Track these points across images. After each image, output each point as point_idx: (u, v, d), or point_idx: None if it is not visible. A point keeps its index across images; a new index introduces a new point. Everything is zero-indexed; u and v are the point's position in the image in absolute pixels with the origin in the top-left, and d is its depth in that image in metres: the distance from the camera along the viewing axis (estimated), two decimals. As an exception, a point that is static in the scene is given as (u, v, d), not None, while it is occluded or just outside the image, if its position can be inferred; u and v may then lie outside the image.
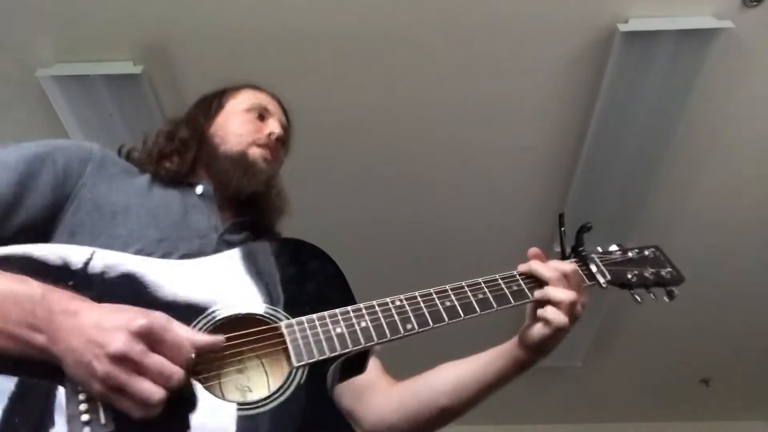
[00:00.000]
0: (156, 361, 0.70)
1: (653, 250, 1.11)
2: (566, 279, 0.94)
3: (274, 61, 2.07)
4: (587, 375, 3.57)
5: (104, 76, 2.12)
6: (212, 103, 1.27)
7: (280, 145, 1.24)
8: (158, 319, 0.73)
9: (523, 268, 0.98)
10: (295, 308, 0.87)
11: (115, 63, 2.12)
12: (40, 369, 0.71)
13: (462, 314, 0.90)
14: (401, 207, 2.62)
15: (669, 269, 1.10)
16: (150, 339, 0.71)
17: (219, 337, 0.78)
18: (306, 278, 0.93)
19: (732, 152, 2.44)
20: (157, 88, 2.20)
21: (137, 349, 0.69)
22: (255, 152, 1.17)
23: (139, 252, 0.92)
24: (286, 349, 0.82)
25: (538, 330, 0.95)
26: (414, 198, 2.59)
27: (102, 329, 0.70)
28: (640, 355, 3.46)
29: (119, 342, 0.69)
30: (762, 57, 2.12)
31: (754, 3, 1.96)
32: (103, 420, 0.70)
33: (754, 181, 2.56)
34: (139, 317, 0.71)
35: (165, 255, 0.95)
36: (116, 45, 2.10)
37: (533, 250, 0.99)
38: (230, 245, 1.00)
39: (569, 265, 0.95)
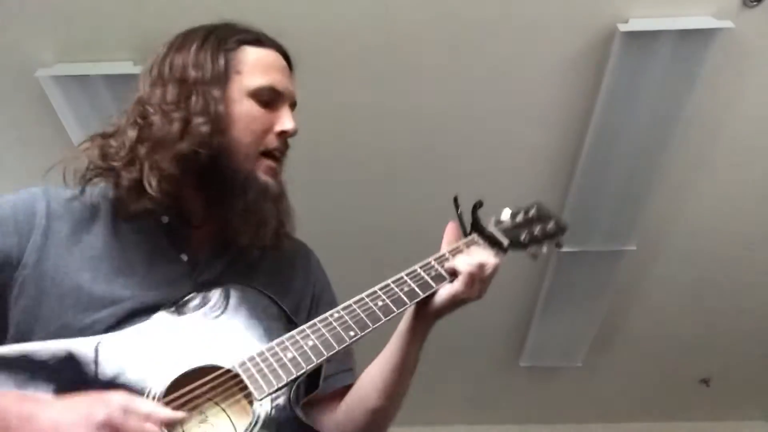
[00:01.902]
0: (136, 423, 0.70)
1: (535, 208, 1.17)
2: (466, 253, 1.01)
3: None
4: (587, 375, 3.56)
5: (104, 76, 2.12)
6: (215, 62, 1.00)
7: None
8: (116, 402, 0.71)
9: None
10: (242, 348, 0.88)
11: (115, 63, 2.12)
12: None
13: (395, 309, 0.94)
14: (401, 207, 2.62)
15: (552, 222, 1.17)
16: (114, 428, 0.69)
17: (180, 414, 0.78)
18: (244, 317, 0.93)
19: (732, 152, 2.44)
20: (157, 88, 2.20)
21: (118, 416, 0.69)
22: (261, 167, 0.98)
23: (90, 329, 0.85)
24: (243, 390, 0.84)
25: (440, 298, 0.97)
26: (413, 198, 2.59)
27: (76, 409, 0.69)
28: (640, 355, 3.46)
29: (101, 410, 0.68)
30: (762, 57, 2.12)
31: (754, 3, 1.96)
32: None
33: (754, 181, 2.56)
34: (95, 409, 0.69)
35: (126, 322, 0.88)
36: (116, 45, 2.09)
37: (449, 225, 1.07)
38: (206, 286, 0.94)
39: (475, 260, 0.99)
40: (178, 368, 0.84)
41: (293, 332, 0.89)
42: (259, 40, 1.07)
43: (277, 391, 0.83)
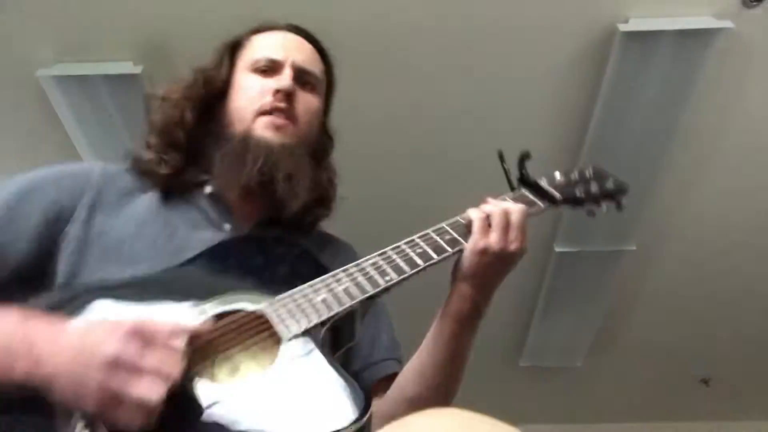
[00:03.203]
0: (152, 358, 0.66)
1: (591, 168, 1.14)
2: (487, 220, 0.94)
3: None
4: (587, 375, 3.57)
5: (104, 76, 2.12)
6: (222, 61, 1.09)
7: (295, 98, 1.02)
8: (143, 318, 0.70)
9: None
10: (272, 290, 0.86)
11: (115, 63, 2.12)
12: (24, 404, 0.67)
13: (435, 255, 0.91)
14: (400, 208, 2.62)
15: (612, 180, 1.12)
16: (141, 338, 0.67)
17: (207, 325, 0.77)
18: (276, 263, 0.92)
19: (732, 152, 2.44)
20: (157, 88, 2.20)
21: (130, 351, 0.66)
22: (259, 125, 1.00)
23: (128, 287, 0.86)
24: (272, 334, 0.81)
25: (464, 254, 0.93)
26: (413, 199, 2.59)
27: (87, 340, 0.67)
28: (640, 355, 3.46)
29: (110, 347, 0.65)
30: (762, 57, 2.12)
31: (754, 3, 1.96)
32: None
33: (754, 181, 2.56)
34: (124, 321, 0.68)
35: (150, 293, 0.87)
36: (116, 45, 2.10)
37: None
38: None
39: (493, 207, 0.95)
40: (210, 311, 0.82)
41: (325, 276, 0.87)
42: (267, 26, 1.12)
43: (307, 331, 0.81)
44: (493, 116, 2.33)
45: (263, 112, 1.00)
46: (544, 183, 1.06)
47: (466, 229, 0.94)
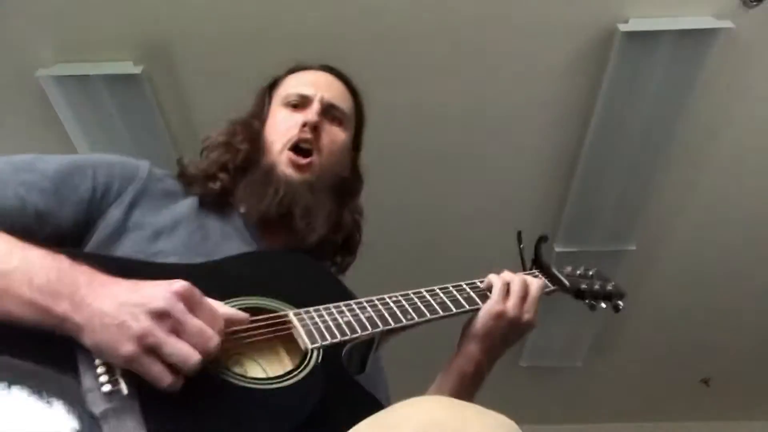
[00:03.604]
0: (197, 322, 0.68)
1: (595, 270, 1.23)
2: (507, 287, 1.01)
3: (275, 61, 2.07)
4: (587, 375, 3.56)
5: (104, 76, 2.12)
6: (264, 99, 1.19)
7: (321, 130, 1.09)
8: (178, 285, 0.71)
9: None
10: (298, 303, 0.88)
11: (115, 63, 2.12)
12: (52, 340, 0.67)
13: (453, 308, 0.97)
14: (400, 208, 2.62)
15: (612, 284, 1.21)
16: (190, 300, 0.70)
17: (244, 314, 0.79)
18: (306, 280, 0.96)
19: (732, 152, 2.44)
20: (157, 88, 2.20)
21: (179, 308, 0.68)
22: (283, 160, 1.07)
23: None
24: (291, 340, 0.84)
25: (479, 314, 0.99)
26: (413, 199, 2.59)
27: (137, 292, 0.69)
28: (640, 355, 3.46)
29: (161, 299, 0.67)
30: (762, 57, 2.12)
31: (754, 3, 1.96)
32: (125, 390, 0.65)
33: (754, 181, 2.56)
34: (175, 283, 0.70)
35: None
36: (116, 45, 2.10)
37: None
38: None
39: (514, 276, 1.02)
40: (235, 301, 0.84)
41: (351, 301, 0.91)
42: (301, 66, 1.21)
43: (329, 345, 0.83)
44: (493, 116, 2.33)
45: (290, 147, 1.07)
46: (554, 269, 1.13)
47: (483, 293, 1.01)
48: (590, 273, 1.20)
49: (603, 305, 1.18)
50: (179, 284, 0.70)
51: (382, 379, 1.12)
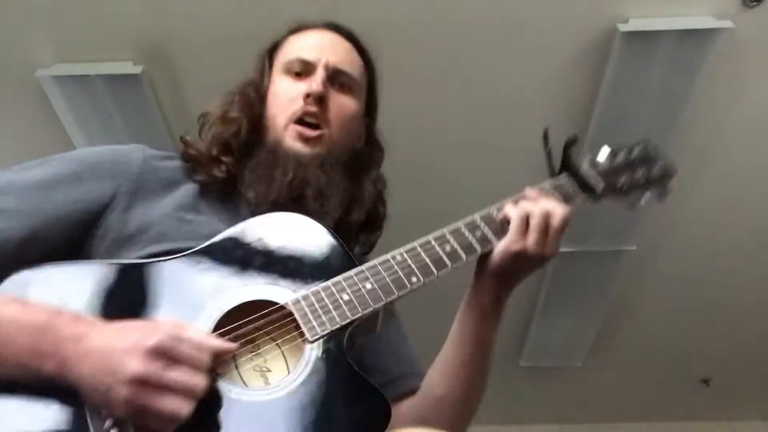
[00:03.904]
0: (177, 376, 0.67)
1: (641, 147, 1.07)
2: (525, 222, 0.90)
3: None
4: (587, 375, 3.57)
5: (104, 76, 2.12)
6: (264, 65, 1.07)
7: (328, 101, 0.99)
8: (168, 329, 0.70)
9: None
10: (297, 284, 0.84)
11: (115, 63, 2.12)
12: (56, 394, 0.69)
13: (464, 256, 0.88)
14: (403, 208, 2.62)
15: (660, 164, 1.07)
16: (164, 356, 0.68)
17: (231, 345, 0.75)
18: (302, 251, 0.87)
19: (732, 152, 2.44)
20: (157, 88, 2.20)
21: (155, 369, 0.66)
22: (289, 134, 0.98)
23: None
24: (298, 327, 0.81)
25: (495, 252, 0.89)
26: (413, 199, 2.59)
27: (113, 354, 0.67)
28: (640, 355, 3.46)
29: (134, 365, 0.66)
30: (762, 57, 2.12)
31: (754, 3, 1.96)
32: None
33: (754, 181, 2.56)
34: (147, 335, 0.68)
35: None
36: (116, 45, 2.10)
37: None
38: None
39: (534, 207, 0.90)
40: (234, 299, 0.81)
41: (351, 272, 0.84)
42: (302, 26, 1.09)
43: (330, 333, 0.80)
44: (493, 116, 2.33)
45: (295, 120, 0.98)
46: (586, 169, 0.99)
47: (500, 225, 0.90)
48: (633, 155, 1.03)
49: (644, 201, 1.03)
50: (150, 343, 0.67)
51: (402, 337, 1.06)
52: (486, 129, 2.37)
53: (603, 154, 1.03)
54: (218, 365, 0.75)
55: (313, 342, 0.79)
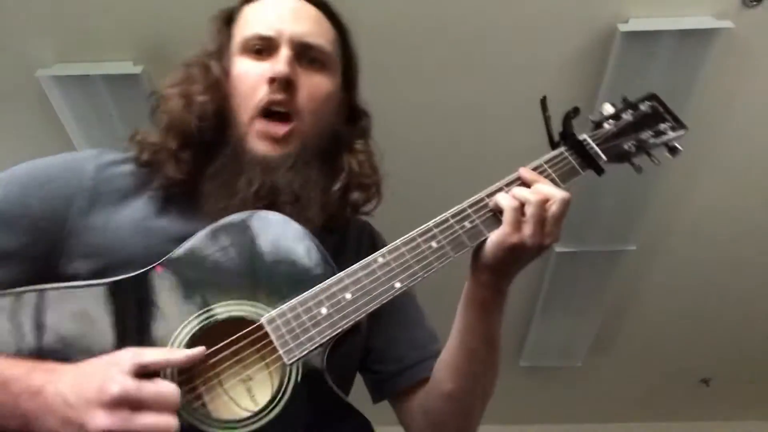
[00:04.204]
0: (145, 422, 0.64)
1: (650, 103, 0.99)
2: (520, 210, 0.81)
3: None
4: (587, 375, 3.56)
5: (104, 76, 2.12)
6: (222, 37, 0.92)
7: (296, 84, 0.85)
8: (127, 365, 0.65)
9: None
10: (272, 297, 0.77)
11: (115, 63, 2.12)
12: None
13: (452, 253, 0.81)
14: (400, 207, 2.62)
15: (669, 122, 0.98)
16: (129, 401, 0.64)
17: (198, 349, 0.70)
18: (276, 258, 0.78)
19: (732, 152, 2.44)
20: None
21: (121, 421, 0.63)
22: (254, 132, 0.85)
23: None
24: (274, 351, 0.76)
25: (488, 245, 0.82)
26: (414, 197, 2.59)
27: (77, 408, 0.64)
28: (640, 355, 3.46)
29: (100, 420, 0.62)
30: (762, 57, 2.12)
31: (754, 3, 1.96)
32: None
33: (754, 182, 2.55)
34: (109, 379, 0.64)
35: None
36: (116, 45, 2.09)
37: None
38: None
39: (529, 195, 0.81)
40: (205, 319, 0.75)
41: (330, 281, 0.77)
42: None
43: (309, 353, 0.74)
44: (493, 117, 2.33)
45: (260, 113, 0.85)
46: (588, 140, 0.91)
47: (492, 214, 0.83)
48: (639, 113, 0.96)
49: (656, 161, 0.96)
50: (111, 395, 0.63)
51: (414, 315, 1.00)
52: (486, 129, 2.37)
53: (606, 113, 0.96)
54: (201, 390, 0.73)
55: (291, 364, 0.74)
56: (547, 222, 0.80)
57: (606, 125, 0.94)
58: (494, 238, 0.81)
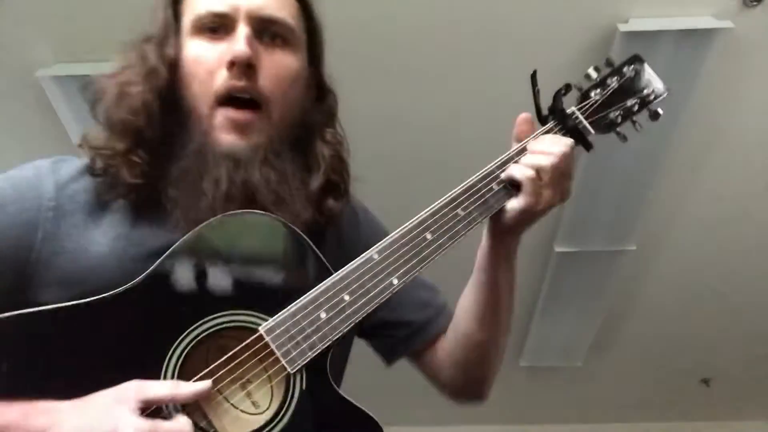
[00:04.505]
0: None
1: (634, 66, 0.98)
2: (539, 176, 0.81)
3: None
4: (587, 375, 3.56)
5: (104, 76, 2.12)
6: (165, 19, 0.82)
7: (258, 65, 0.76)
8: (133, 400, 0.62)
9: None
10: (268, 305, 0.73)
11: (115, 63, 2.12)
12: None
13: (450, 242, 0.80)
14: (396, 210, 2.62)
15: (653, 85, 0.99)
16: None
17: (204, 384, 0.67)
18: (269, 262, 0.74)
19: (732, 152, 2.44)
20: (157, 88, 2.20)
21: None
22: (218, 123, 0.76)
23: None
24: (277, 361, 0.75)
25: (510, 216, 0.82)
26: (411, 202, 2.58)
27: None
28: (640, 355, 3.46)
29: None
30: (762, 57, 2.12)
31: (754, 3, 1.96)
32: None
33: (754, 182, 2.55)
34: (121, 428, 0.60)
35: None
36: (116, 45, 2.09)
37: (520, 117, 0.89)
38: None
39: (543, 160, 0.81)
40: (198, 333, 0.72)
41: (327, 283, 0.74)
42: None
43: (311, 360, 0.73)
44: (492, 117, 2.32)
45: (220, 101, 0.76)
46: (577, 113, 0.91)
47: (501, 189, 0.83)
48: (624, 78, 0.95)
49: (638, 127, 0.96)
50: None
51: (418, 282, 0.96)
52: (486, 129, 2.37)
53: (592, 79, 0.95)
54: (207, 410, 0.72)
55: (294, 372, 0.73)
56: (563, 179, 0.81)
57: (592, 94, 0.94)
58: (516, 206, 0.80)
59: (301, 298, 0.74)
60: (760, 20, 2.01)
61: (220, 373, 0.73)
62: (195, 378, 0.70)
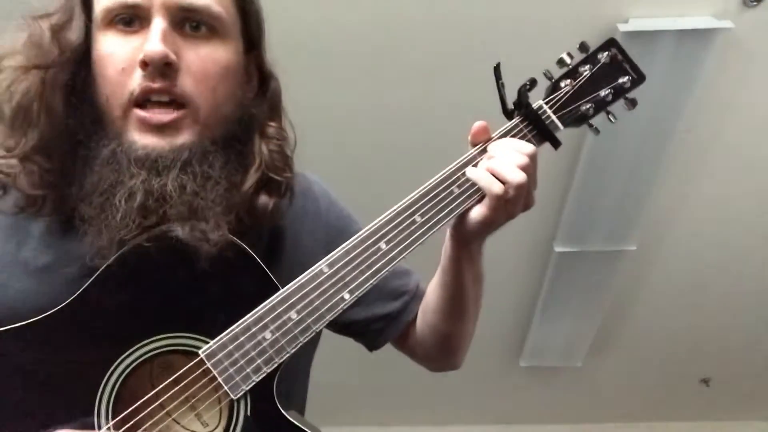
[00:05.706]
0: None
1: (609, 52, 0.90)
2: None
3: (271, 60, 2.07)
4: (587, 375, 3.56)
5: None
6: (71, 8, 0.71)
7: (179, 62, 0.66)
8: None
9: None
10: (210, 325, 0.68)
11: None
12: None
13: (403, 253, 0.75)
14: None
15: (628, 74, 0.92)
16: None
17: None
18: (206, 279, 0.67)
19: (732, 152, 2.44)
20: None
21: None
22: (132, 123, 0.67)
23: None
24: (219, 387, 0.71)
25: (472, 224, 0.79)
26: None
27: None
28: (640, 355, 3.46)
29: None
30: (762, 57, 2.12)
31: (754, 3, 1.96)
32: None
33: (754, 181, 2.55)
34: None
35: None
36: None
37: (476, 126, 0.83)
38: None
39: (511, 174, 0.78)
40: (131, 364, 0.67)
41: (273, 301, 0.70)
42: None
43: (256, 384, 0.70)
44: (493, 117, 2.32)
45: (136, 103, 0.67)
46: (545, 108, 0.86)
47: (463, 192, 0.80)
48: (597, 66, 0.89)
49: (612, 118, 0.91)
50: None
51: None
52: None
53: (563, 67, 0.89)
54: (153, 426, 0.69)
55: (237, 399, 0.69)
56: (530, 189, 0.78)
57: (563, 84, 0.88)
58: (479, 218, 0.77)
59: (245, 318, 0.69)
60: (760, 20, 2.01)
61: (167, 395, 0.69)
62: (141, 400, 0.67)
